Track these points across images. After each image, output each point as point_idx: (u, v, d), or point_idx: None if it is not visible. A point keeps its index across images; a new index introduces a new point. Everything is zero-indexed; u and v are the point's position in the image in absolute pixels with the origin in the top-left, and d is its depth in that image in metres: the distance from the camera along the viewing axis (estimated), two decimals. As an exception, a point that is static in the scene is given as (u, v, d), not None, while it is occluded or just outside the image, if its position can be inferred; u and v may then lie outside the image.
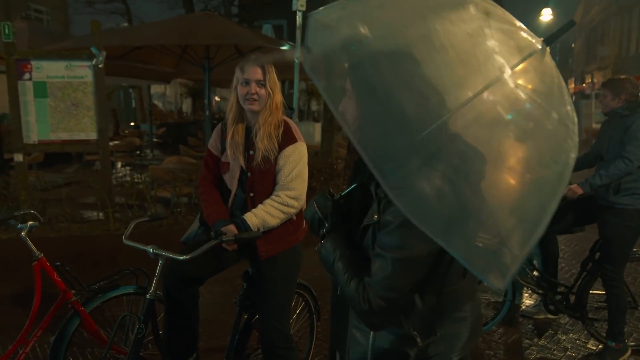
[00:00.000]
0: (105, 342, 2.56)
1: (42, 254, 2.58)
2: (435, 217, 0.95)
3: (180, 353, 2.41)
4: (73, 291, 2.55)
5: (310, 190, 2.49)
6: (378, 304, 1.18)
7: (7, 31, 5.09)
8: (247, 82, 2.25)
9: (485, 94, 0.99)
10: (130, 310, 2.41)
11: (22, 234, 2.53)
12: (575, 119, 1.12)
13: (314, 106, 21.97)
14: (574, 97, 26.94)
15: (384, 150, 0.97)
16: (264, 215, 2.27)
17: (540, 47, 1.11)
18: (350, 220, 1.39)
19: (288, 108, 2.43)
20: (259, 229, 2.26)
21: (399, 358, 1.31)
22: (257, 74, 2.26)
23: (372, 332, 1.34)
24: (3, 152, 6.54)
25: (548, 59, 1.13)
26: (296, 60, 5.32)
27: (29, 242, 2.55)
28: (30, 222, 2.60)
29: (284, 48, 7.32)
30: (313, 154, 9.43)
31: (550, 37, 1.12)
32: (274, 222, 2.30)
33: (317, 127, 11.93)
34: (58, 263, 2.57)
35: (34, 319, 2.53)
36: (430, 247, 1.15)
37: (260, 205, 2.30)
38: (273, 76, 2.30)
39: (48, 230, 4.67)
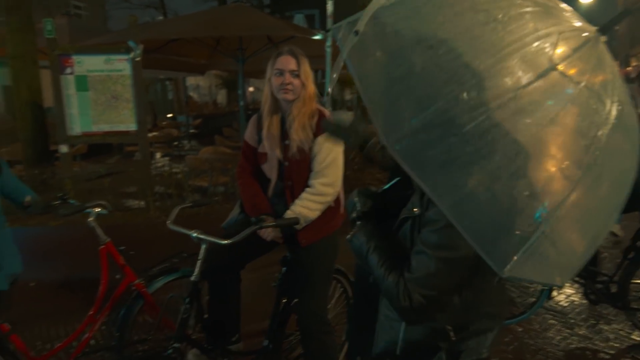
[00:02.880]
0: (165, 323, 2.67)
1: (109, 239, 2.71)
2: (480, 221, 0.92)
3: (223, 333, 2.49)
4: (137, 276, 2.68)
5: (345, 179, 2.51)
6: (419, 301, 1.18)
7: (49, 27, 5.27)
8: (281, 73, 2.28)
9: (535, 86, 0.94)
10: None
11: (90, 219, 2.67)
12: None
13: (347, 95, 21.90)
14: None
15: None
16: (301, 210, 2.31)
17: (594, 35, 1.05)
18: (391, 212, 1.39)
19: (321, 96, 2.45)
20: (301, 225, 2.32)
21: (429, 351, 1.30)
22: (291, 64, 2.28)
23: (403, 323, 1.33)
24: (49, 144, 6.78)
25: (602, 47, 1.07)
26: (328, 50, 5.32)
27: (97, 228, 2.68)
28: (98, 209, 2.73)
29: (316, 37, 7.32)
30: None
31: (605, 26, 1.07)
32: (313, 214, 2.34)
33: (351, 117, 11.85)
34: (122, 247, 2.70)
35: (102, 299, 2.67)
36: None
37: (297, 201, 2.35)
38: (306, 67, 2.32)
39: (87, 216, 4.85)
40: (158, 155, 11.12)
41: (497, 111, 0.92)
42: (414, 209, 1.25)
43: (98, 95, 5.41)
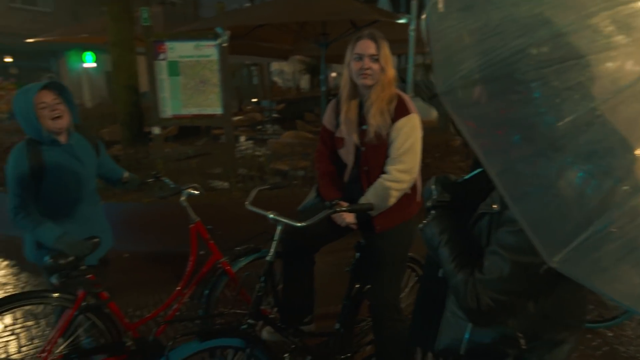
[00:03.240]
0: (244, 299, 2.79)
1: (199, 218, 2.86)
2: (563, 227, 0.84)
3: (296, 314, 2.55)
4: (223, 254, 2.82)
5: (425, 167, 2.45)
6: (487, 304, 1.11)
7: (145, 16, 5.59)
8: (360, 57, 2.25)
9: (627, 51, 0.83)
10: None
11: (182, 199, 2.84)
12: None
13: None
14: None
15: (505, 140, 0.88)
16: (377, 197, 2.29)
17: None
18: (468, 205, 1.31)
19: (401, 81, 2.39)
20: (376, 211, 2.30)
21: (496, 355, 1.22)
22: (370, 48, 2.24)
23: (470, 323, 1.26)
24: (144, 126, 7.24)
25: None
26: (411, 34, 5.19)
27: (189, 208, 2.84)
28: (190, 190, 2.89)
29: (401, 21, 7.17)
30: (430, 129, 9.21)
31: None
32: (389, 201, 2.31)
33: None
34: (210, 227, 2.86)
35: (190, 274, 2.84)
36: None
37: (372, 188, 2.32)
38: (386, 51, 2.27)
39: (179, 196, 5.14)
40: (242, 138, 11.51)
41: (570, 72, 0.83)
42: (493, 205, 1.17)
43: (188, 79, 5.68)
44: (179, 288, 2.84)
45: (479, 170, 1.34)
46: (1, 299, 2.37)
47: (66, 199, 2.50)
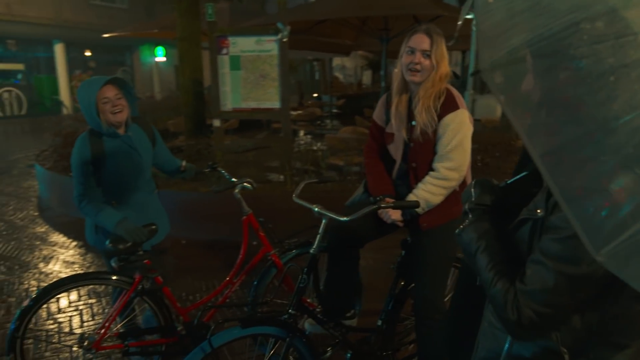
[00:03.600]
0: (289, 289, 2.85)
1: (251, 210, 2.95)
2: (621, 235, 0.77)
3: (338, 308, 2.56)
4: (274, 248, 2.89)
5: (484, 166, 2.38)
6: (529, 317, 1.04)
7: (210, 11, 5.77)
8: (412, 51, 2.21)
9: None
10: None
11: (236, 191, 2.93)
12: None
13: (498, 78, 20.56)
14: None
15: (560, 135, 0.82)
16: (424, 194, 2.26)
17: None
18: (510, 210, 1.23)
19: (455, 77, 2.33)
20: (423, 209, 2.27)
21: None
22: (424, 43, 2.19)
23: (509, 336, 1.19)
24: (206, 118, 7.49)
25: None
26: (474, 28, 5.03)
27: (242, 201, 2.93)
28: (243, 184, 2.98)
29: (468, 17, 6.96)
30: (491, 128, 8.91)
31: None
32: (436, 199, 2.27)
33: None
34: (261, 219, 2.94)
35: (240, 264, 2.94)
36: None
37: (420, 185, 2.29)
38: (441, 48, 2.20)
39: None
40: (301, 133, 11.64)
41: (626, 48, 0.77)
42: (537, 210, 1.10)
43: (248, 74, 5.81)
44: (229, 277, 2.93)
45: (522, 174, 1.27)
46: (66, 278, 2.57)
47: (124, 186, 2.65)
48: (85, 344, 2.49)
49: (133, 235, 2.45)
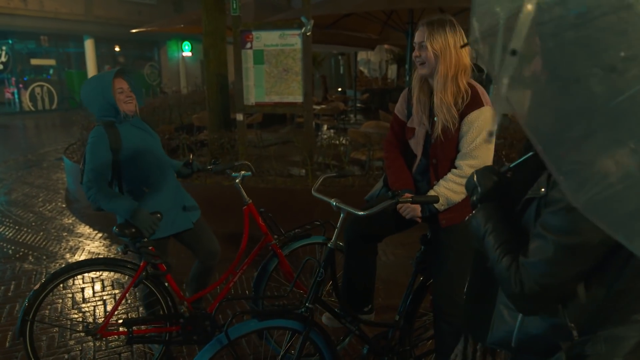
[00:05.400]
0: (297, 282, 2.87)
1: (250, 200, 2.97)
2: (617, 205, 0.80)
3: (355, 302, 2.55)
4: (275, 236, 2.90)
5: (509, 161, 2.33)
6: (531, 288, 1.08)
7: (234, 6, 5.79)
8: (415, 46, 2.22)
9: None
10: (318, 257, 2.64)
11: (236, 181, 2.94)
12: None
13: (526, 72, 20.13)
14: None
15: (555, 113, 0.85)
16: (445, 192, 2.22)
17: None
18: (517, 193, 1.26)
19: (478, 71, 2.27)
20: (443, 206, 2.24)
21: (547, 348, 1.18)
22: (420, 35, 2.17)
23: (521, 314, 1.23)
24: (230, 112, 7.55)
25: None
26: (500, 21, 4.93)
27: (241, 189, 2.95)
28: (243, 172, 2.99)
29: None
30: (516, 123, 8.74)
31: None
32: (457, 197, 2.24)
33: (528, 95, 11.00)
34: (262, 209, 2.95)
35: (242, 255, 2.95)
36: (605, 235, 0.98)
37: (441, 181, 2.25)
38: (441, 37, 2.12)
39: (259, 181, 5.32)
40: (324, 127, 11.63)
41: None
42: (541, 189, 1.13)
43: (271, 68, 5.82)
44: (230, 267, 2.95)
45: (527, 155, 1.28)
46: (74, 263, 2.63)
47: (148, 170, 2.73)
48: (91, 328, 2.58)
49: (146, 225, 2.50)
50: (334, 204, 2.24)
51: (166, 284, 2.70)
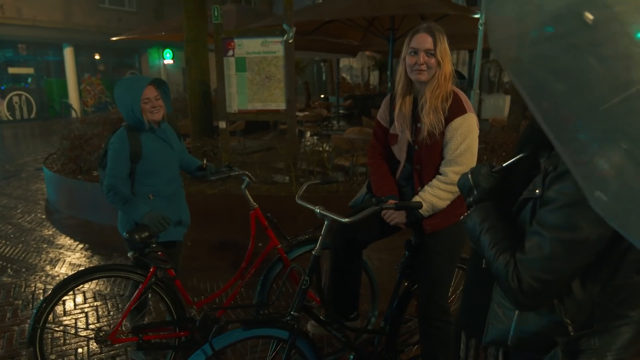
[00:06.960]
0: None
1: (257, 205, 2.98)
2: (618, 197, 0.82)
3: (341, 309, 2.54)
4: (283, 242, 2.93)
5: None
6: (529, 284, 1.10)
7: (216, 13, 5.77)
8: (415, 52, 2.19)
9: None
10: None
11: (242, 187, 3.00)
12: None
13: (506, 77, 20.44)
14: None
15: (564, 114, 0.86)
16: (431, 198, 2.24)
17: None
18: (511, 193, 1.28)
19: (459, 77, 2.30)
20: (427, 212, 2.25)
21: (543, 344, 1.19)
22: (427, 42, 2.17)
23: (517, 311, 1.24)
24: (212, 120, 7.50)
25: None
26: (480, 28, 5.00)
27: (247, 194, 2.98)
28: (247, 179, 3.05)
29: (476, 16, 6.91)
30: (499, 128, 8.84)
31: None
32: (442, 204, 2.25)
33: (508, 100, 11.16)
34: (269, 214, 2.95)
35: (249, 259, 2.97)
36: (601, 231, 1.01)
37: (427, 188, 2.27)
38: (444, 45, 2.18)
39: (239, 185, 5.30)
40: (308, 134, 11.63)
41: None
42: (536, 190, 1.15)
43: (254, 75, 5.81)
44: (238, 272, 2.97)
45: (520, 155, 1.30)
46: (86, 269, 2.64)
47: (159, 179, 2.76)
48: (101, 335, 2.58)
49: (158, 224, 2.56)
50: (318, 211, 2.23)
51: (176, 290, 2.73)
